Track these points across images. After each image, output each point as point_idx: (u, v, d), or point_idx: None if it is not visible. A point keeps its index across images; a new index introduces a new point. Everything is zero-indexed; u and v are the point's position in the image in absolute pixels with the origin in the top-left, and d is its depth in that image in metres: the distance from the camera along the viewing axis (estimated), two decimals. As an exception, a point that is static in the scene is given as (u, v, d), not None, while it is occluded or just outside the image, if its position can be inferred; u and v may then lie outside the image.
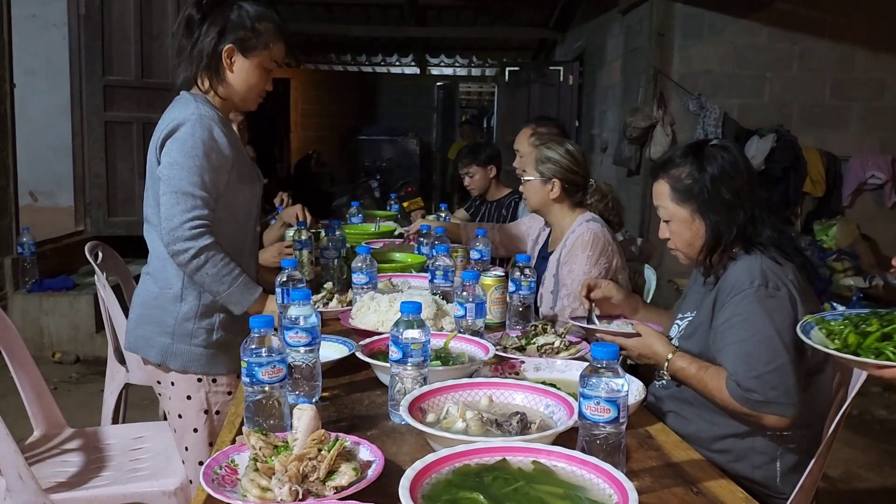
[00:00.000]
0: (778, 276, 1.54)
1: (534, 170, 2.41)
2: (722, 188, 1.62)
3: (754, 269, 1.56)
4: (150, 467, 2.03)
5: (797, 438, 1.59)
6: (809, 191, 5.56)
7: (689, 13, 5.49)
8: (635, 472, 1.18)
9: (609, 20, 6.84)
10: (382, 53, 11.63)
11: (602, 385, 1.08)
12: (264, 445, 1.12)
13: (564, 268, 2.28)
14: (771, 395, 1.47)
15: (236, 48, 1.89)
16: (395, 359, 1.35)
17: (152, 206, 1.87)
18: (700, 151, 1.66)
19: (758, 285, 1.53)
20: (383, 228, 3.48)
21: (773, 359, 1.48)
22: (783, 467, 1.58)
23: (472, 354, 1.61)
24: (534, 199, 2.44)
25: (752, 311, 1.52)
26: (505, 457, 1.06)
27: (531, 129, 3.05)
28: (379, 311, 1.86)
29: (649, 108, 5.51)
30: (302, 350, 1.40)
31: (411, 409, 1.24)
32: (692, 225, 1.66)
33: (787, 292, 1.53)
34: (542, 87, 8.47)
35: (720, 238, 1.63)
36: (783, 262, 1.57)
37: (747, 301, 1.53)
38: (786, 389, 1.47)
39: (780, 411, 1.48)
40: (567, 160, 2.38)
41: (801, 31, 5.52)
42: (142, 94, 5.04)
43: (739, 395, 1.49)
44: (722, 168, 1.63)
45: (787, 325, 1.49)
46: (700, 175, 1.63)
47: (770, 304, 1.52)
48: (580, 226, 2.34)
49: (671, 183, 1.68)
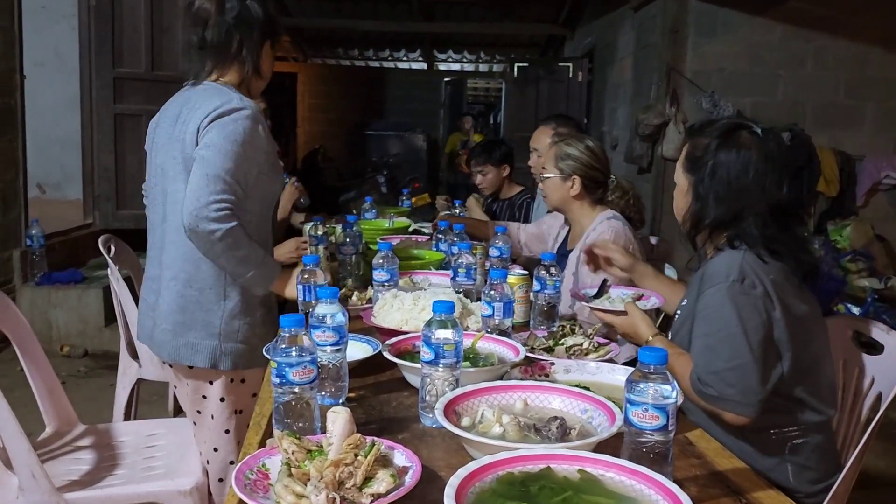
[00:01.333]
0: (757, 274, 1.49)
1: (553, 166, 2.37)
2: (720, 177, 1.56)
3: (733, 263, 1.51)
4: (165, 466, 2.00)
5: (803, 435, 1.56)
6: (823, 190, 5.51)
7: (703, 10, 5.43)
8: (679, 482, 1.13)
9: (620, 16, 6.79)
10: (390, 48, 11.59)
11: (650, 391, 1.04)
12: (297, 449, 1.07)
13: (584, 267, 2.24)
14: (727, 392, 1.45)
15: (270, 41, 1.90)
16: (426, 360, 1.31)
17: (179, 202, 1.80)
18: (732, 132, 1.58)
19: (732, 280, 1.49)
20: (397, 224, 3.44)
21: (734, 357, 1.45)
22: (794, 467, 1.56)
23: (501, 355, 1.57)
24: (554, 197, 2.39)
25: (721, 306, 1.49)
26: (549, 465, 1.02)
27: (551, 128, 3.00)
28: (403, 310, 1.81)
29: (662, 105, 5.46)
30: (329, 349, 1.36)
31: (446, 413, 1.20)
32: (685, 196, 1.65)
33: (762, 291, 1.48)
34: (550, 83, 8.42)
35: (699, 220, 1.61)
36: (769, 261, 1.52)
37: (719, 295, 1.49)
38: (743, 389, 1.44)
39: (736, 409, 1.45)
40: (587, 156, 2.34)
41: (816, 29, 5.46)
42: (151, 86, 5.00)
43: (697, 389, 1.48)
44: (732, 160, 1.55)
45: (756, 325, 1.46)
46: (712, 155, 1.57)
47: (741, 300, 1.47)
48: (601, 223, 2.31)
49: (689, 149, 1.65)
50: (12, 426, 1.69)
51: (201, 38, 1.88)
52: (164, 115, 1.93)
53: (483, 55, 11.88)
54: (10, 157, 4.36)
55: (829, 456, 1.63)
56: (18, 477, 1.72)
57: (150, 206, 1.98)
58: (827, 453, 1.62)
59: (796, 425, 1.56)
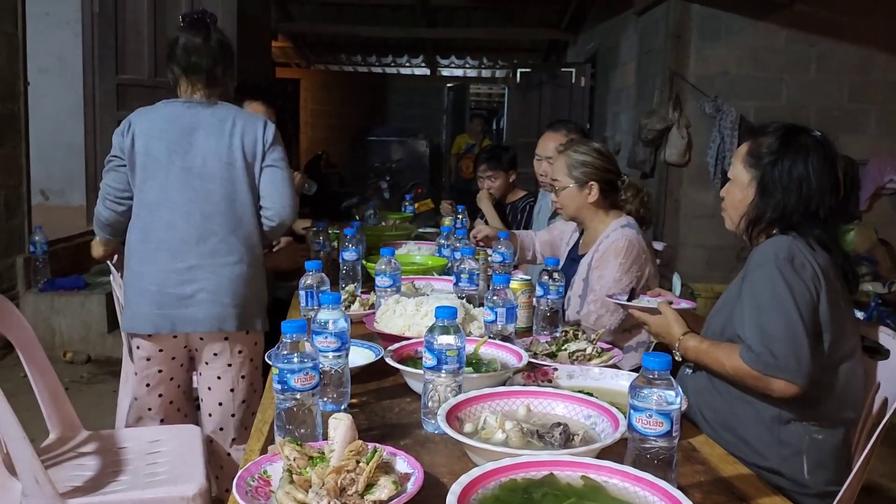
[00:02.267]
0: (805, 257, 1.56)
1: (567, 176, 2.33)
2: (787, 177, 1.62)
3: (782, 245, 1.58)
4: (168, 472, 1.99)
5: (824, 432, 1.59)
6: (826, 195, 5.49)
7: (706, 14, 5.43)
8: (683, 488, 1.12)
9: (623, 21, 6.79)
10: (392, 54, 11.61)
11: (654, 397, 1.03)
12: (299, 456, 1.07)
13: (595, 273, 2.23)
14: (782, 361, 1.49)
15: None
16: (428, 366, 1.31)
17: (247, 200, 2.16)
18: (793, 135, 1.66)
19: (783, 259, 1.55)
20: (400, 230, 3.44)
21: (788, 327, 1.50)
22: (811, 462, 1.57)
23: (503, 361, 1.56)
24: (571, 207, 2.35)
25: (773, 282, 1.55)
26: (552, 471, 1.01)
27: (563, 135, 2.97)
28: (405, 315, 1.81)
29: (665, 110, 5.45)
30: (331, 355, 1.36)
31: (448, 419, 1.20)
32: (745, 189, 1.69)
33: (812, 273, 1.54)
34: (553, 88, 8.42)
35: (763, 213, 1.66)
36: (817, 249, 1.58)
37: (771, 272, 1.56)
38: (798, 358, 1.49)
39: (790, 377, 1.49)
40: (599, 159, 2.32)
41: (819, 33, 5.45)
42: (154, 92, 4.99)
43: (751, 359, 1.51)
44: (799, 163, 1.62)
45: (807, 302, 1.52)
46: (777, 153, 1.64)
47: (792, 278, 1.54)
48: (615, 231, 2.28)
49: (751, 146, 1.71)
50: (16, 431, 1.68)
51: (187, 64, 2.19)
52: (176, 125, 2.14)
53: (486, 61, 11.90)
54: (14, 164, 4.36)
55: (846, 459, 1.64)
56: (22, 482, 1.72)
57: (174, 205, 2.12)
58: (843, 456, 1.64)
59: (818, 420, 1.58)
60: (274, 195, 2.16)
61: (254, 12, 6.92)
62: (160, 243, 2.10)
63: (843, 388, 1.60)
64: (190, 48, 2.17)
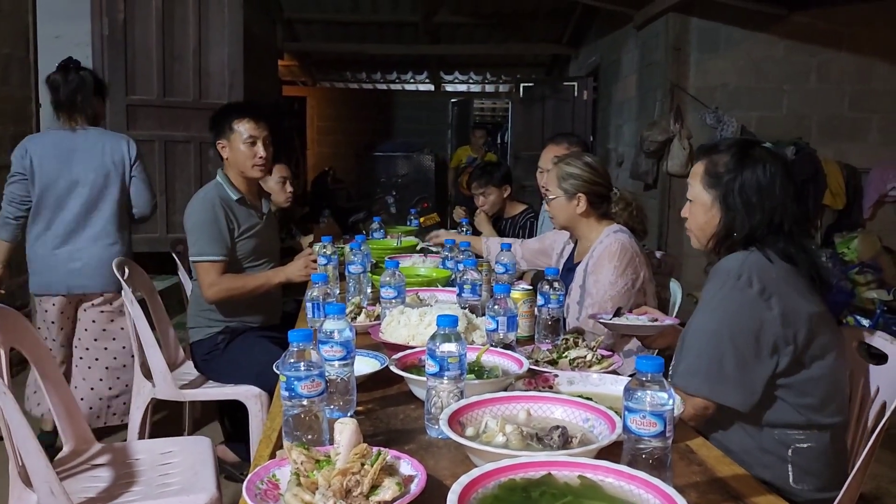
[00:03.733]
0: (755, 273, 1.57)
1: (557, 188, 2.40)
2: (750, 189, 1.64)
3: (736, 261, 1.61)
4: (180, 482, 2.03)
5: (809, 439, 1.59)
6: (829, 203, 5.52)
7: (705, 27, 5.49)
8: (680, 488, 1.15)
9: (624, 35, 6.86)
10: (397, 70, 11.72)
11: (647, 398, 1.07)
12: (306, 460, 1.11)
13: (591, 277, 2.27)
14: (716, 386, 1.54)
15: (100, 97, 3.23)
16: (431, 372, 1.35)
17: (120, 200, 3.11)
18: (747, 149, 1.68)
19: (728, 275, 1.59)
20: (405, 244, 3.48)
21: (716, 351, 1.55)
22: (796, 470, 1.58)
23: (505, 368, 1.60)
24: (561, 217, 2.43)
25: (711, 302, 1.59)
26: (550, 471, 1.05)
27: (564, 147, 3.04)
28: (409, 325, 1.85)
29: (666, 121, 5.50)
30: (337, 364, 1.40)
31: (450, 423, 1.24)
32: (710, 211, 1.70)
33: (759, 289, 1.55)
34: (556, 102, 8.48)
35: (731, 231, 1.67)
36: (775, 261, 1.59)
37: (713, 292, 1.60)
38: (733, 381, 1.54)
39: (727, 400, 1.55)
40: (588, 173, 2.38)
41: (819, 43, 5.50)
42: (163, 112, 5.10)
43: (685, 386, 1.57)
44: (759, 173, 1.64)
45: (744, 322, 1.54)
46: (735, 169, 1.66)
47: (733, 296, 1.57)
48: (608, 237, 2.34)
49: (707, 165, 1.71)
50: (32, 444, 1.73)
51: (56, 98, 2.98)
52: (60, 148, 2.98)
53: (489, 75, 11.99)
54: (26, 184, 4.44)
55: (836, 464, 1.64)
56: (37, 493, 1.76)
57: (64, 201, 2.99)
58: (833, 461, 1.63)
59: (800, 428, 1.59)
60: (138, 198, 3.10)
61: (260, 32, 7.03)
62: (56, 233, 2.99)
63: (820, 391, 1.60)
64: (53, 85, 2.98)
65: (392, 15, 8.88)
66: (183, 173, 5.25)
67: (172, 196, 5.21)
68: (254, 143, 2.73)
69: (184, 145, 5.20)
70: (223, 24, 5.24)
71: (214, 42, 5.23)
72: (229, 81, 5.25)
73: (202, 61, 5.20)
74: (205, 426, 3.53)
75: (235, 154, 2.75)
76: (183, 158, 5.24)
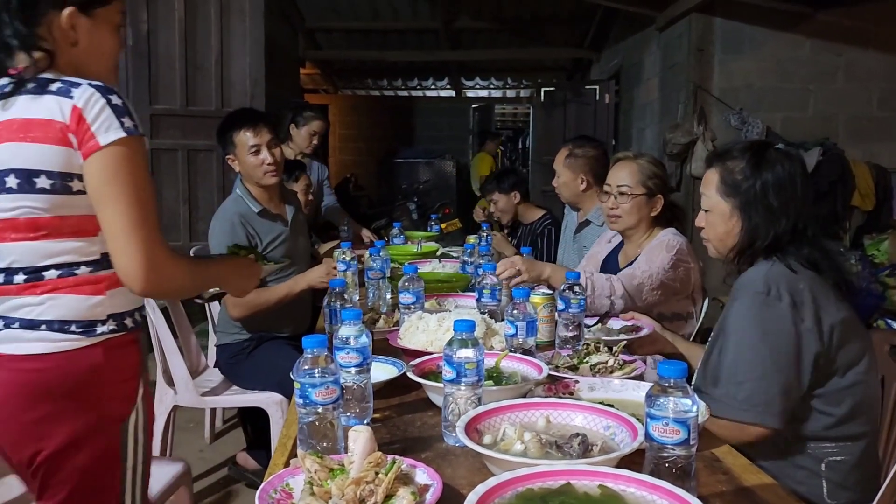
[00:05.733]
0: (783, 285, 1.50)
1: (639, 185, 2.31)
2: (771, 194, 1.58)
3: (760, 274, 1.54)
4: None
5: (842, 452, 1.53)
6: (858, 205, 5.40)
7: (728, 28, 5.41)
8: (705, 498, 1.12)
9: (646, 38, 6.80)
10: (418, 77, 11.75)
11: (670, 405, 1.04)
12: (320, 468, 1.09)
13: (643, 257, 2.24)
14: (750, 407, 1.47)
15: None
16: (448, 379, 1.32)
17: None
18: (762, 152, 1.62)
19: (756, 293, 1.51)
20: (425, 249, 3.47)
21: (754, 370, 1.47)
22: (830, 483, 1.52)
23: (524, 374, 1.57)
24: (634, 216, 2.33)
25: (744, 319, 1.51)
26: (569, 480, 1.02)
27: (567, 149, 3.05)
28: (427, 331, 1.83)
29: (689, 123, 5.43)
30: (353, 371, 1.38)
31: (467, 431, 1.21)
32: (729, 220, 1.64)
33: (789, 302, 1.48)
34: (577, 106, 8.43)
35: (754, 240, 1.60)
36: (799, 271, 1.53)
37: (743, 309, 1.53)
38: (767, 401, 1.46)
39: (761, 420, 1.47)
40: (666, 176, 2.35)
41: (846, 42, 5.39)
42: (186, 122, 5.15)
43: (717, 408, 1.47)
44: (777, 176, 1.58)
45: (780, 337, 1.47)
46: (753, 175, 1.60)
47: (765, 313, 1.49)
48: (665, 235, 2.30)
49: (722, 174, 1.65)
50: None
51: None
52: None
53: (510, 81, 11.97)
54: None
55: (870, 476, 1.59)
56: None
57: None
58: (867, 474, 1.58)
59: (833, 440, 1.53)
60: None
61: (282, 41, 7.09)
62: None
63: (853, 399, 1.54)
64: None
65: (412, 22, 8.90)
66: (205, 182, 5.30)
67: (195, 204, 5.26)
68: (258, 152, 2.68)
69: (206, 154, 5.25)
70: (245, 33, 5.28)
71: (236, 51, 5.28)
72: (251, 90, 5.30)
73: (224, 70, 5.26)
74: (227, 433, 3.55)
75: (245, 166, 2.71)
76: (205, 167, 5.29)
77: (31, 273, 1.31)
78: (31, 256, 1.31)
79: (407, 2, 8.26)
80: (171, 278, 1.34)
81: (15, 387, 1.30)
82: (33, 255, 1.31)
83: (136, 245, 1.28)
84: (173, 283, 1.37)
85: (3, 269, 1.32)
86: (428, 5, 8.24)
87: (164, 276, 1.31)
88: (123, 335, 1.37)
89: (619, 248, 2.51)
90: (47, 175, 1.28)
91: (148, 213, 1.31)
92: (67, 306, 1.31)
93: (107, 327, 1.34)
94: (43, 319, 1.30)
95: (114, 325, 1.35)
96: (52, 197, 1.28)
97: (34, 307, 1.31)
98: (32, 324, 1.30)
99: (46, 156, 1.27)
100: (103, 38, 1.39)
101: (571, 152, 3.05)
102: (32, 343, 1.30)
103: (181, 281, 1.39)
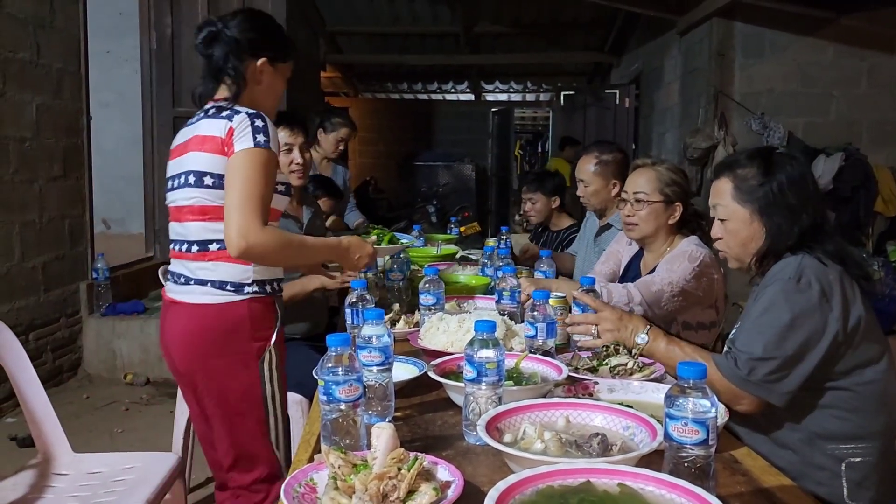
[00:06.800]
0: (814, 275, 1.52)
1: (657, 192, 2.29)
2: (788, 193, 1.61)
3: (791, 264, 1.56)
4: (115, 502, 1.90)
5: (862, 452, 1.54)
6: (881, 210, 5.35)
7: (749, 32, 5.39)
8: (724, 498, 1.13)
9: (667, 42, 6.78)
10: (438, 81, 11.79)
11: (689, 405, 1.05)
12: (343, 464, 1.11)
13: (664, 265, 2.22)
14: (761, 380, 1.49)
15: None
16: (469, 378, 1.34)
17: None
18: (768, 157, 1.66)
19: (787, 279, 1.53)
20: (445, 251, 3.49)
21: (776, 348, 1.49)
22: (850, 483, 1.53)
23: (544, 375, 1.58)
24: (652, 223, 2.31)
25: (775, 301, 1.53)
26: (589, 479, 1.03)
27: (594, 157, 3.00)
28: (448, 332, 1.85)
29: (710, 128, 5.41)
30: (375, 370, 1.40)
31: (488, 429, 1.23)
32: (751, 225, 1.65)
33: (819, 290, 1.50)
34: (597, 110, 8.44)
35: (780, 241, 1.61)
36: (829, 264, 1.55)
37: (775, 292, 1.54)
38: (778, 379, 1.49)
39: (766, 396, 1.50)
40: (686, 182, 2.34)
41: (870, 47, 5.35)
42: (209, 124, 5.22)
43: (731, 372, 1.51)
44: (790, 175, 1.62)
45: (806, 323, 1.49)
46: (767, 178, 1.62)
47: (795, 298, 1.51)
48: (688, 245, 2.27)
49: (735, 182, 1.66)
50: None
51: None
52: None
53: (530, 84, 11.97)
54: (78, 194, 4.58)
55: (890, 476, 1.59)
56: None
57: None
58: (887, 474, 1.58)
59: (852, 439, 1.54)
60: None
61: (303, 45, 7.14)
62: None
63: (873, 399, 1.56)
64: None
65: (432, 26, 8.94)
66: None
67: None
68: (290, 151, 2.68)
69: (228, 155, 5.31)
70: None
71: (258, 55, 5.33)
72: (273, 93, 5.35)
73: (246, 74, 5.31)
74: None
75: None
76: (228, 169, 5.35)
77: (200, 245, 1.82)
78: (200, 232, 1.81)
79: (427, 6, 8.30)
80: (260, 246, 1.70)
81: (190, 325, 1.83)
82: (202, 231, 1.81)
83: (234, 219, 1.68)
84: (263, 250, 1.72)
85: (184, 241, 1.85)
86: (448, 10, 8.27)
87: (252, 244, 1.68)
88: (264, 296, 1.84)
89: (641, 255, 2.50)
90: (211, 175, 1.78)
91: (250, 199, 1.69)
92: (225, 271, 1.81)
93: (252, 289, 1.82)
94: (209, 279, 1.81)
95: (257, 287, 1.82)
96: (214, 191, 1.78)
97: (206, 270, 1.81)
98: (202, 282, 1.81)
99: (212, 162, 1.77)
100: (278, 84, 1.94)
101: (600, 159, 2.99)
102: (202, 296, 1.81)
103: (270, 250, 1.73)
